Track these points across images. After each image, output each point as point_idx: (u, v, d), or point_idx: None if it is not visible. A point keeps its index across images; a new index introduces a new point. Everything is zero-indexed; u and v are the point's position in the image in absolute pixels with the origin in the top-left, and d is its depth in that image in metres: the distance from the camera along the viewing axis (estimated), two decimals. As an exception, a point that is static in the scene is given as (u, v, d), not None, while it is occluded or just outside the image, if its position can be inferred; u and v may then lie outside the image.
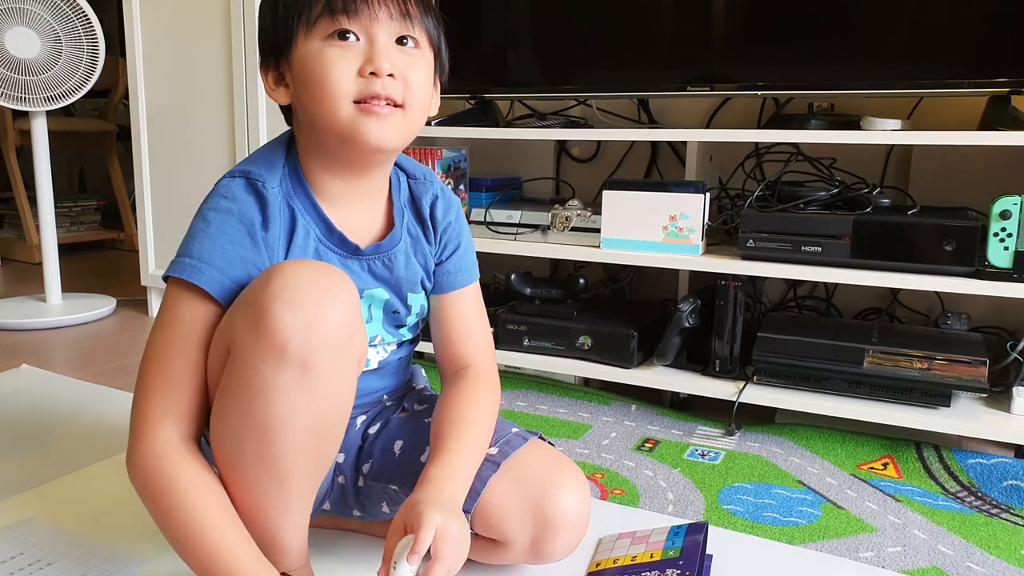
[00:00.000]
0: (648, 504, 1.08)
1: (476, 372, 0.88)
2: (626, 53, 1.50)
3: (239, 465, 0.70)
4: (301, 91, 0.74)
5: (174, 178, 2.01)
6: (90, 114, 3.26)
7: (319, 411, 0.69)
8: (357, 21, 0.72)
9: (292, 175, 0.79)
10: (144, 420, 0.71)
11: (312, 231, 0.78)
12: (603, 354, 1.46)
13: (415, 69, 0.74)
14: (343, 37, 0.72)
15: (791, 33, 1.39)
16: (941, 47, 1.28)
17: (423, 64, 0.76)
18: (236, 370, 0.68)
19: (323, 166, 0.79)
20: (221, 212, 0.74)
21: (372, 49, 0.72)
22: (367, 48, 0.72)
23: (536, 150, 1.88)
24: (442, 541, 0.68)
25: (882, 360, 1.25)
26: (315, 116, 0.74)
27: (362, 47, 0.72)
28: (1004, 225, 1.16)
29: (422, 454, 0.85)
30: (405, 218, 0.85)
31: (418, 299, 0.88)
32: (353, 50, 0.72)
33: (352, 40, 0.72)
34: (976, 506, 1.09)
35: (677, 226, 1.37)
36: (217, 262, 0.72)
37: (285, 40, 0.74)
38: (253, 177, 0.76)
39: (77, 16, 1.97)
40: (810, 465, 1.21)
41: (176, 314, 0.73)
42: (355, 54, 0.72)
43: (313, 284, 0.67)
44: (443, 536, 0.68)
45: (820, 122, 1.36)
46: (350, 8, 0.71)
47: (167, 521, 0.69)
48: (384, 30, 0.72)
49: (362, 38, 0.72)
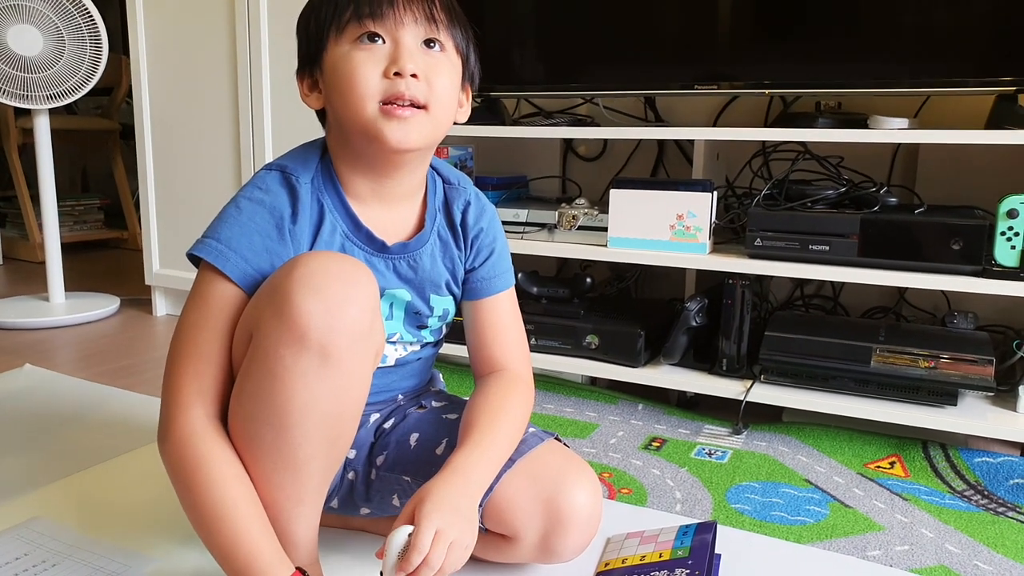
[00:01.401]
0: (656, 503, 1.08)
1: (511, 374, 0.88)
2: (633, 51, 1.50)
3: (256, 453, 0.71)
4: (332, 94, 0.77)
5: (178, 177, 2.01)
6: (93, 112, 3.26)
7: (336, 399, 0.71)
8: (383, 24, 0.74)
9: (324, 173, 0.81)
10: (178, 397, 0.73)
11: (339, 226, 0.81)
12: (610, 353, 1.46)
13: (440, 72, 0.77)
14: (371, 40, 0.75)
15: (798, 31, 1.39)
16: (948, 46, 1.28)
17: (448, 67, 0.78)
18: (257, 355, 0.69)
19: (353, 167, 0.81)
20: (254, 202, 0.77)
21: (397, 51, 0.74)
22: (392, 50, 0.74)
23: (542, 148, 1.88)
24: (436, 545, 0.68)
25: (889, 359, 1.25)
26: (343, 117, 0.77)
27: (388, 49, 0.75)
28: (1012, 224, 1.16)
29: (438, 447, 0.86)
30: (436, 221, 0.87)
31: (442, 302, 0.88)
32: (379, 52, 0.74)
33: (379, 43, 0.75)
34: (983, 505, 1.09)
35: (684, 225, 1.37)
36: (243, 250, 0.75)
37: (318, 48, 0.78)
38: (288, 171, 0.79)
39: (80, 13, 1.96)
40: (817, 464, 1.21)
41: (206, 294, 0.75)
42: (381, 56, 0.74)
43: (337, 274, 0.68)
44: (440, 540, 0.68)
45: (827, 121, 1.36)
46: (376, 12, 0.74)
47: (195, 501, 0.70)
48: (410, 33, 0.75)
49: (388, 41, 0.75)
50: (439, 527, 0.69)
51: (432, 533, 0.68)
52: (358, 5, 0.74)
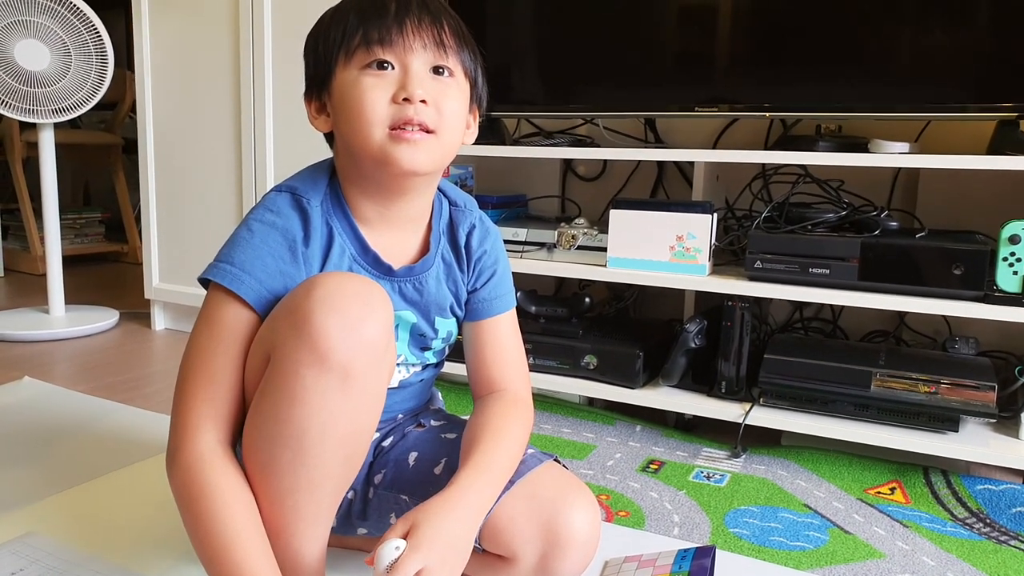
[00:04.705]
0: (653, 526, 1.07)
1: (511, 395, 0.88)
2: (633, 72, 1.51)
3: (272, 474, 0.71)
4: (340, 118, 0.77)
5: (180, 192, 2.01)
6: (96, 127, 3.28)
7: (354, 418, 0.71)
8: (392, 51, 0.74)
9: (332, 196, 0.81)
10: (188, 420, 0.72)
11: (348, 249, 0.81)
12: (608, 374, 1.45)
13: (449, 97, 0.76)
14: (380, 67, 0.74)
15: (799, 55, 1.40)
16: (949, 71, 1.29)
17: (457, 92, 0.78)
18: (276, 376, 0.69)
19: (361, 190, 0.81)
20: (266, 224, 0.77)
21: (406, 77, 0.74)
22: (401, 76, 0.74)
23: (542, 168, 1.88)
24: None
25: (889, 383, 1.25)
26: (352, 142, 0.76)
27: (397, 75, 0.75)
28: (1013, 250, 1.16)
29: (436, 466, 0.85)
30: (441, 244, 0.87)
31: (446, 324, 0.88)
32: (388, 78, 0.74)
33: (388, 70, 0.75)
34: (985, 533, 1.08)
35: (684, 246, 1.37)
36: (257, 272, 0.75)
37: (326, 72, 0.77)
38: (299, 193, 0.79)
39: (87, 29, 1.98)
40: (816, 489, 1.20)
41: (218, 317, 0.74)
42: (390, 82, 0.74)
43: (355, 294, 0.69)
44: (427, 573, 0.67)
45: (828, 144, 1.36)
46: (385, 39, 0.74)
47: (198, 527, 0.70)
48: (418, 59, 0.75)
49: (397, 67, 0.75)
50: (426, 564, 0.68)
51: (415, 569, 0.67)
52: (367, 31, 0.74)
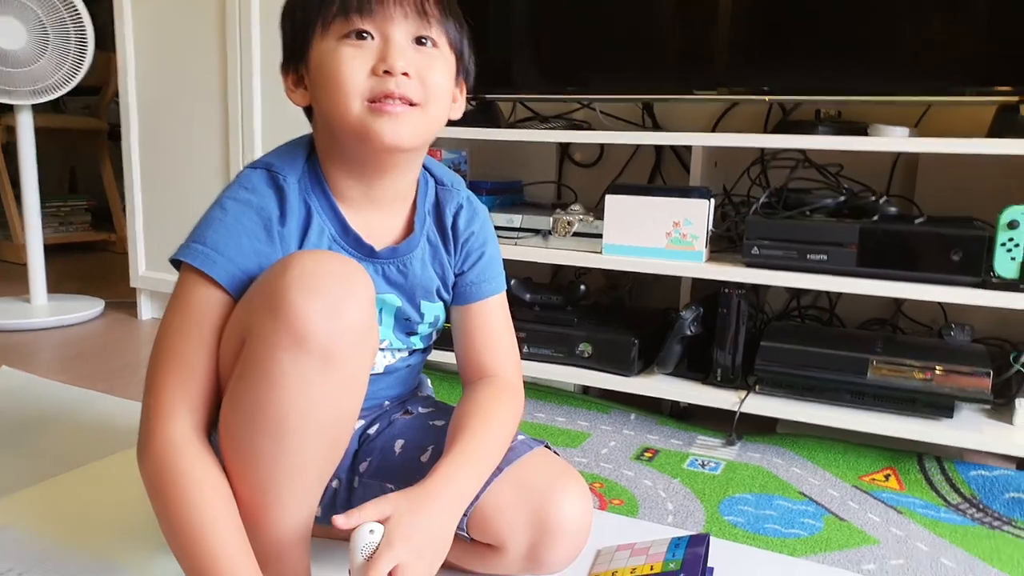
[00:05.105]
0: (647, 515, 1.06)
1: (500, 380, 0.86)
2: (631, 56, 1.49)
3: (252, 462, 0.68)
4: (317, 91, 0.74)
5: (165, 178, 1.97)
6: (81, 112, 3.22)
7: (335, 403, 0.68)
8: (372, 20, 0.71)
9: (311, 173, 0.78)
10: (160, 407, 0.69)
11: (327, 229, 0.78)
12: (603, 362, 1.43)
13: (433, 69, 0.73)
14: (359, 37, 0.71)
15: (799, 39, 1.38)
16: (950, 55, 1.27)
17: (442, 64, 0.75)
18: (252, 360, 0.66)
19: (341, 167, 0.78)
20: (240, 203, 0.74)
21: (387, 48, 0.71)
22: (382, 47, 0.71)
23: (538, 153, 1.86)
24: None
25: (885, 371, 1.24)
26: (330, 115, 0.73)
27: (377, 46, 0.72)
28: (1012, 235, 1.15)
29: (423, 454, 0.84)
30: (426, 224, 0.84)
31: (432, 309, 0.86)
32: (368, 49, 0.71)
33: (368, 40, 0.72)
34: (978, 519, 1.08)
35: (680, 232, 1.35)
36: (231, 253, 0.72)
37: (303, 42, 0.74)
38: (275, 169, 0.76)
39: (65, 6, 1.91)
40: (811, 476, 1.19)
41: (190, 300, 0.72)
42: (370, 53, 0.71)
43: (334, 273, 0.66)
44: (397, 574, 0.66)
45: (827, 128, 1.35)
46: (364, 7, 0.71)
47: (170, 516, 0.67)
48: (400, 29, 0.72)
49: (377, 37, 0.72)
50: (400, 561, 0.66)
51: (390, 567, 0.65)
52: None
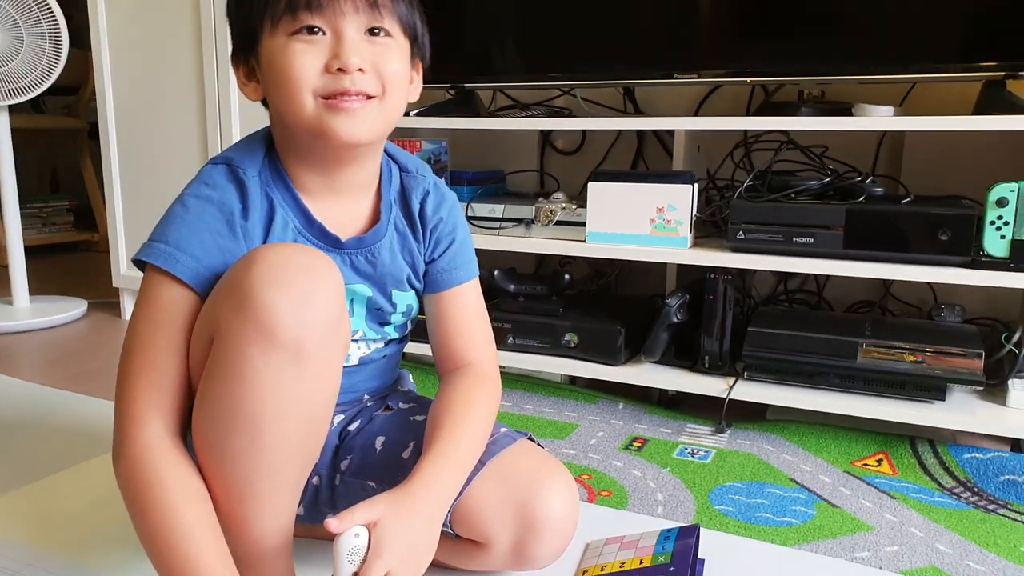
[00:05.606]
0: (637, 506, 1.04)
1: (476, 370, 0.84)
2: (611, 40, 1.46)
3: (226, 462, 0.66)
4: (270, 88, 0.73)
5: (145, 176, 1.95)
6: (61, 111, 3.18)
7: (309, 397, 0.67)
8: (322, 16, 0.69)
9: (271, 166, 0.77)
10: (132, 411, 0.68)
11: (291, 221, 0.76)
12: (589, 351, 1.42)
13: (388, 59, 0.72)
14: (309, 32, 0.69)
15: (780, 19, 1.36)
16: (934, 31, 1.25)
17: (397, 52, 0.73)
18: (222, 358, 0.64)
19: (300, 161, 0.76)
20: (201, 199, 0.73)
21: (339, 44, 0.69)
22: (334, 43, 0.69)
23: (519, 142, 1.84)
24: None
25: (876, 354, 1.22)
26: (284, 112, 0.72)
27: (329, 41, 0.70)
28: (1001, 213, 1.13)
29: (404, 450, 0.82)
30: (393, 213, 0.82)
31: (404, 298, 0.84)
32: (320, 44, 0.69)
33: (319, 35, 0.69)
34: (973, 502, 1.07)
35: (664, 218, 1.33)
36: (194, 250, 0.70)
37: (251, 35, 0.72)
38: (235, 164, 0.75)
39: (38, 6, 1.89)
40: (803, 463, 1.18)
41: (155, 300, 0.71)
42: (321, 48, 0.69)
43: (300, 266, 0.64)
44: None
45: (811, 109, 1.33)
46: (313, 3, 0.68)
47: (145, 520, 0.66)
48: (351, 23, 0.70)
49: (328, 32, 0.69)
50: (391, 568, 0.64)
51: (381, 574, 0.64)
52: None
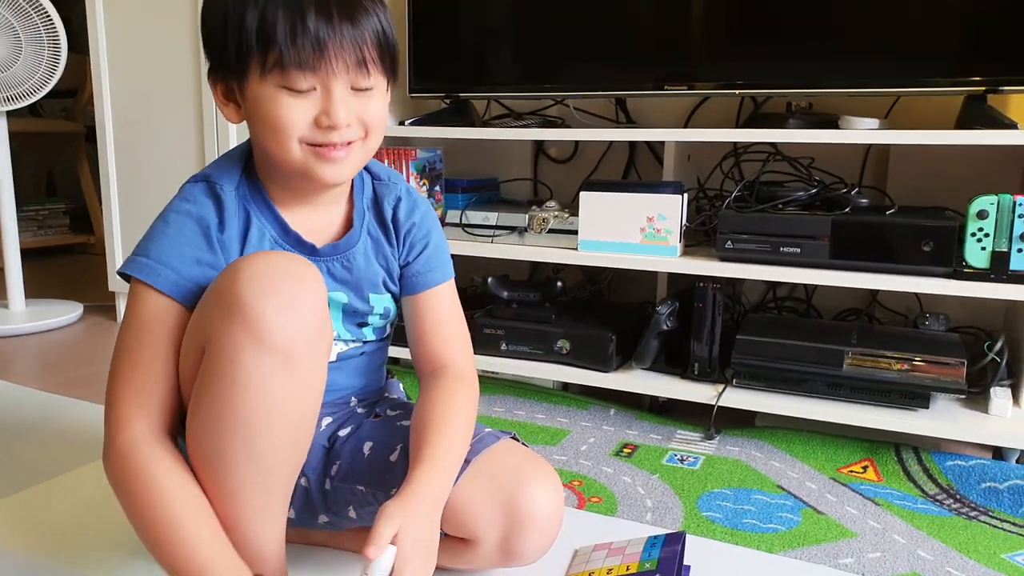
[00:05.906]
0: (626, 512, 1.06)
1: (454, 372, 0.86)
2: (604, 52, 1.48)
3: (222, 467, 0.69)
4: (256, 126, 0.75)
5: (142, 179, 1.96)
6: (58, 114, 3.19)
7: (299, 403, 0.70)
8: (314, 76, 0.71)
9: (248, 182, 0.80)
10: (118, 414, 0.71)
11: (267, 231, 0.80)
12: (581, 358, 1.43)
13: (372, 108, 0.75)
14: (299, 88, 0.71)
15: (769, 32, 1.38)
16: (919, 47, 1.28)
17: (380, 98, 0.76)
18: (214, 366, 0.67)
19: (277, 183, 0.80)
20: (180, 214, 0.76)
21: (328, 101, 0.71)
22: (323, 100, 0.72)
23: (513, 151, 1.85)
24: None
25: (862, 362, 1.24)
26: (269, 153, 0.75)
27: (318, 96, 0.72)
28: (981, 225, 1.15)
29: (392, 454, 0.84)
30: (366, 219, 0.85)
31: (381, 300, 0.87)
32: (309, 99, 0.72)
33: (308, 91, 0.71)
34: (955, 509, 1.08)
35: (655, 227, 1.35)
36: (173, 263, 0.74)
37: (238, 70, 0.72)
38: (213, 180, 0.78)
39: (37, 13, 1.90)
40: (790, 469, 1.20)
41: (140, 312, 0.73)
42: (311, 103, 0.72)
43: (285, 272, 0.67)
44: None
45: (798, 121, 1.35)
46: (305, 64, 0.70)
47: (141, 516, 0.68)
48: (340, 83, 0.72)
49: (319, 88, 0.72)
50: (416, 571, 0.68)
51: None
52: (285, 48, 0.68)
